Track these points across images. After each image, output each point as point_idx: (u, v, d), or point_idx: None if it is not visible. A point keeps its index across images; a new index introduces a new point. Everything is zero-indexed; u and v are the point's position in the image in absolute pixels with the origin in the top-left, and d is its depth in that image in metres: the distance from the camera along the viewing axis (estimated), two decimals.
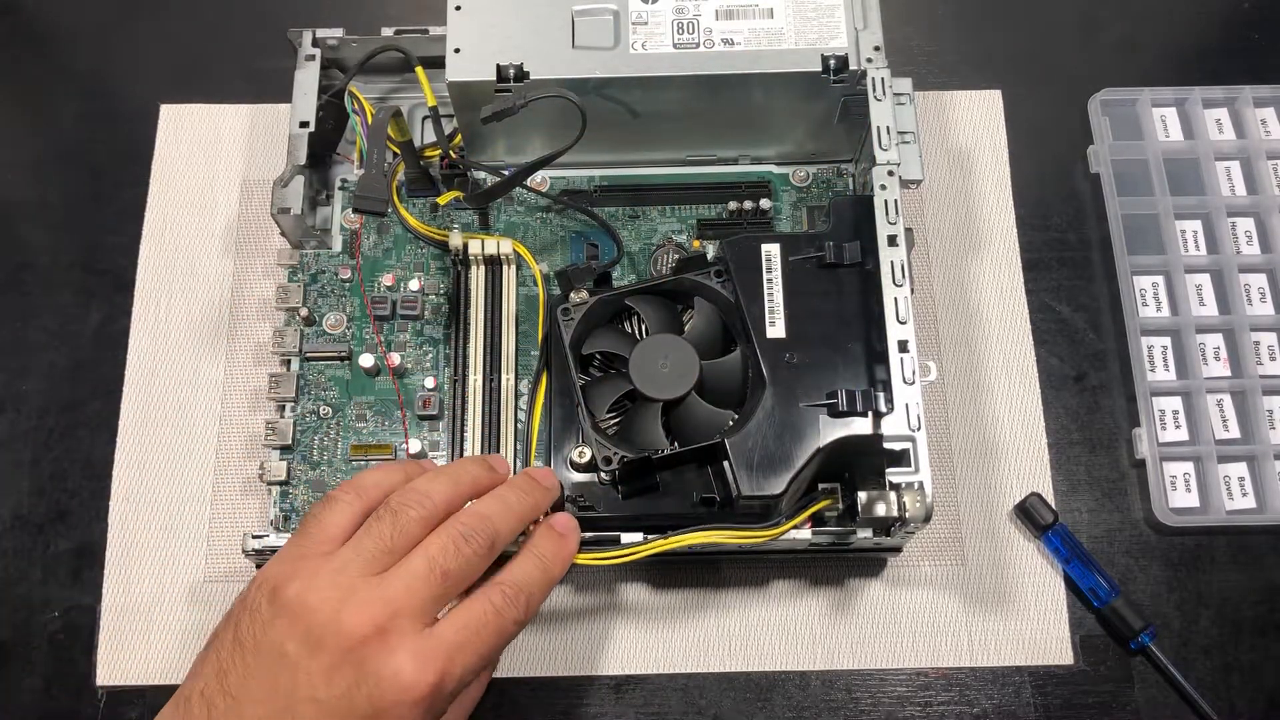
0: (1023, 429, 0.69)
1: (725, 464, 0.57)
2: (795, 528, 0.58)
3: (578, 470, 0.60)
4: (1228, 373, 0.71)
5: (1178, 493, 0.68)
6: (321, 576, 0.47)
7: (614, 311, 0.64)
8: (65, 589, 0.66)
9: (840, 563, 0.66)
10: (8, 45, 0.80)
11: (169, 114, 0.77)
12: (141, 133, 0.76)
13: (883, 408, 0.56)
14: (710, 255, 0.64)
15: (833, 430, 0.57)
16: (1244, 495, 0.68)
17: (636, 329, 0.64)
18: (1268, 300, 0.72)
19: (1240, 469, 0.68)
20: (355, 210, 0.63)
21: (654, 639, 0.65)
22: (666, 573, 0.66)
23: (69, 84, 0.79)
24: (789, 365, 0.58)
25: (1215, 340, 0.71)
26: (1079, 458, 0.69)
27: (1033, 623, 0.65)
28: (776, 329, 0.59)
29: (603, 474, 0.58)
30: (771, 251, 0.61)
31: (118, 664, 0.65)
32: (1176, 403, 0.70)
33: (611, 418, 0.62)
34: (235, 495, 0.68)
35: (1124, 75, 0.78)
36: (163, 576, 0.66)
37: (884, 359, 0.57)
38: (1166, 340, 0.71)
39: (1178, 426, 0.69)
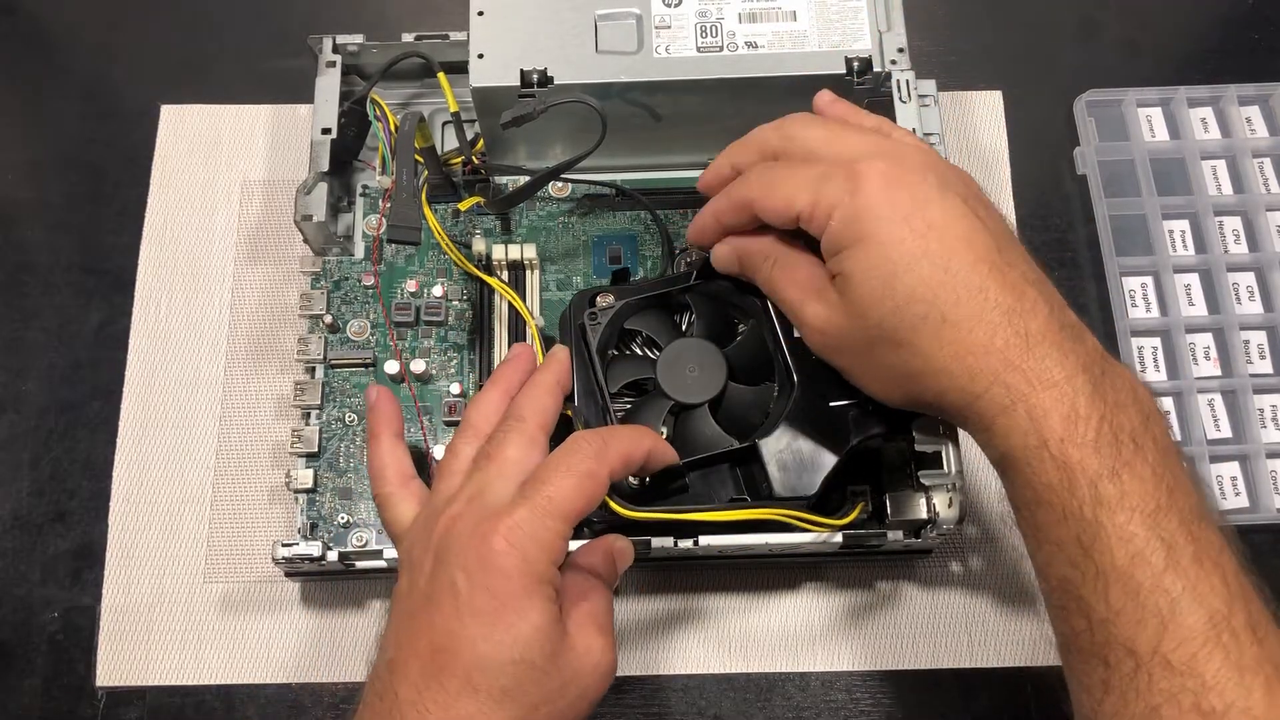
0: None
1: (756, 466, 0.52)
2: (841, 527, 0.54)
3: None
4: (1218, 372, 0.66)
5: None
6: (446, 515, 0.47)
7: (671, 305, 0.58)
8: (65, 589, 0.61)
9: (841, 564, 0.61)
10: (8, 45, 0.74)
11: (169, 114, 0.71)
12: (141, 133, 0.70)
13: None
14: None
15: (864, 429, 0.52)
16: (1237, 495, 0.63)
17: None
18: (1256, 299, 0.68)
19: (1233, 468, 0.64)
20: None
21: (654, 639, 0.60)
22: (666, 574, 0.61)
23: (69, 84, 0.73)
24: (817, 364, 0.53)
25: (1205, 340, 0.67)
26: None
27: (1033, 623, 0.61)
28: None
29: (631, 478, 0.53)
30: None
31: (118, 664, 0.60)
32: (1168, 403, 0.65)
33: (624, 400, 0.56)
34: (235, 496, 0.63)
35: (1124, 76, 0.72)
36: (163, 577, 0.62)
37: None
38: (1156, 341, 0.67)
39: (1169, 427, 0.64)
